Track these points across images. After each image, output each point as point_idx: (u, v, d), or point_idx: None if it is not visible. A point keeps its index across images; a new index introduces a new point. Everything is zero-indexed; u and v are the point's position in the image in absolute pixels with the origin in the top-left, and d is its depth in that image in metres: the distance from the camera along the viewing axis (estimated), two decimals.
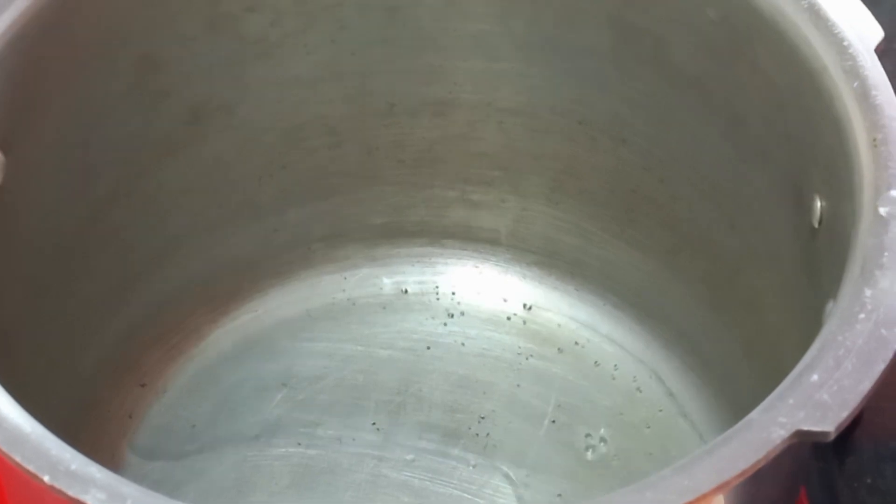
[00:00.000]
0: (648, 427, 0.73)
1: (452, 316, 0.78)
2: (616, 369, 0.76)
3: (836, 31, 0.58)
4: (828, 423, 0.47)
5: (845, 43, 0.58)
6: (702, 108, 0.67)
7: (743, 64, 0.64)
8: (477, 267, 0.80)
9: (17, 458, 0.47)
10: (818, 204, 0.58)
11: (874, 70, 0.57)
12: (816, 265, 0.58)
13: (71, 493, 0.46)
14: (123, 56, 0.67)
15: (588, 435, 0.73)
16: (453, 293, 0.79)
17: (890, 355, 0.49)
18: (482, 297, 0.79)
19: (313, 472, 0.72)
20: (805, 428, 0.47)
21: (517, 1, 0.71)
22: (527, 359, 0.77)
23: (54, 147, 0.65)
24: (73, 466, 0.47)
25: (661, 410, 0.74)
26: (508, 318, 0.78)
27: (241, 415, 0.74)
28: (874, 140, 0.55)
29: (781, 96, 0.61)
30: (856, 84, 0.56)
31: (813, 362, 0.49)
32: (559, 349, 0.77)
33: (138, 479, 0.69)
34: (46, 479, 0.46)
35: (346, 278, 0.80)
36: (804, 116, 0.59)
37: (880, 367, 0.48)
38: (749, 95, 0.64)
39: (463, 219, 0.79)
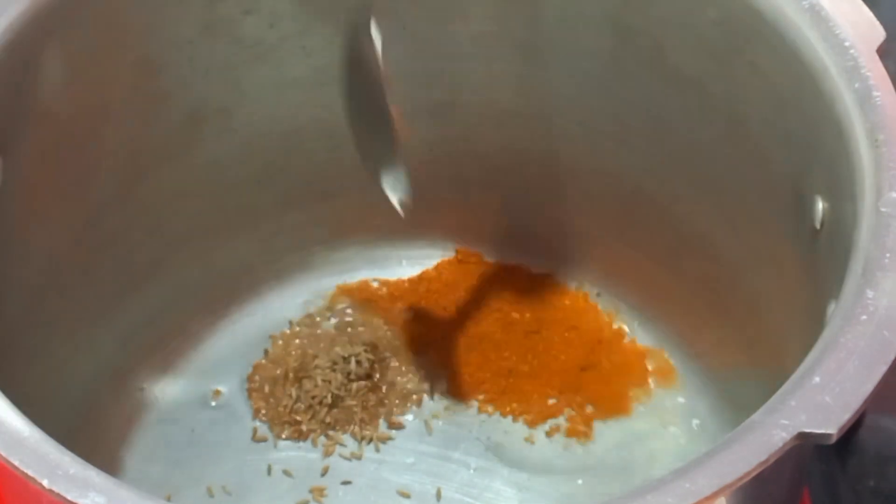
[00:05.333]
0: (651, 429, 0.73)
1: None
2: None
3: (837, 32, 0.58)
4: (830, 424, 0.47)
5: (846, 43, 0.58)
6: (702, 110, 0.67)
7: (743, 65, 0.63)
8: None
9: (16, 462, 0.47)
10: (819, 205, 0.58)
11: (875, 70, 0.57)
12: (818, 266, 0.58)
13: (70, 497, 0.46)
14: (121, 60, 0.67)
15: (590, 437, 0.73)
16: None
17: (892, 357, 0.49)
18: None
19: (313, 476, 0.72)
20: (807, 430, 0.47)
21: (516, 3, 0.71)
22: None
23: (52, 151, 0.65)
24: (72, 470, 0.47)
25: (663, 412, 0.74)
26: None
27: (241, 419, 0.74)
28: (876, 141, 0.54)
29: (782, 97, 0.61)
30: (857, 85, 0.56)
31: (815, 364, 0.49)
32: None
33: (137, 483, 0.69)
34: (45, 482, 0.46)
35: (345, 281, 0.79)
36: (805, 117, 0.59)
37: (882, 368, 0.48)
38: (749, 96, 0.64)
39: (463, 220, 0.79)
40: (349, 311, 0.78)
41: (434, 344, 0.77)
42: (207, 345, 0.77)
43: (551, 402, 0.74)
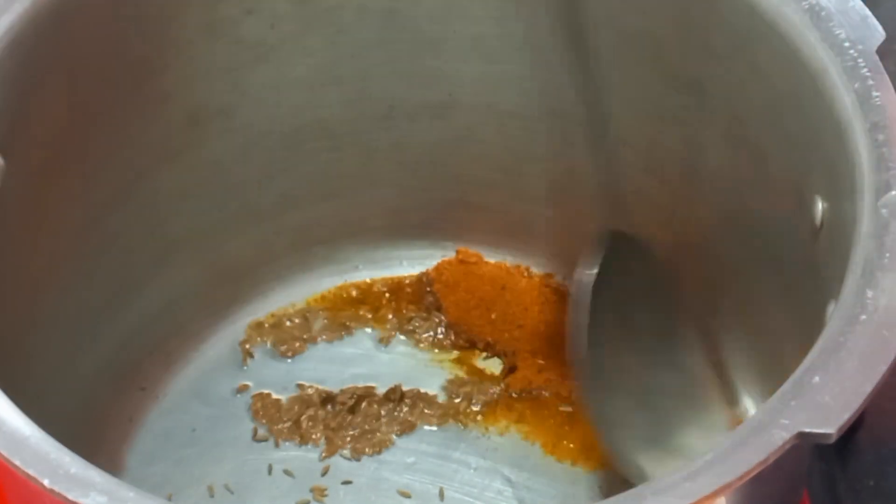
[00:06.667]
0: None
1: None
2: None
3: (837, 32, 0.58)
4: (830, 424, 0.47)
5: (846, 44, 0.58)
6: (702, 110, 0.67)
7: (743, 65, 0.63)
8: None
9: (17, 462, 0.47)
10: (819, 205, 0.58)
11: (875, 71, 0.57)
12: (818, 266, 0.58)
13: (71, 496, 0.46)
14: (121, 60, 0.67)
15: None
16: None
17: (892, 356, 0.49)
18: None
19: (314, 476, 0.72)
20: (807, 430, 0.47)
21: (516, 3, 0.71)
22: None
23: (53, 151, 0.65)
24: (73, 470, 0.47)
25: None
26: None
27: (241, 419, 0.74)
28: (875, 141, 0.54)
29: (782, 98, 0.61)
30: (857, 85, 0.56)
31: (814, 364, 0.49)
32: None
33: (138, 482, 0.69)
34: (46, 482, 0.46)
35: (346, 281, 0.79)
36: (805, 118, 0.59)
37: (882, 368, 0.48)
38: (749, 97, 0.64)
39: (463, 221, 0.79)
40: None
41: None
42: (208, 345, 0.77)
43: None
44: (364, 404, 0.74)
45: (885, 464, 0.69)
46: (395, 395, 0.74)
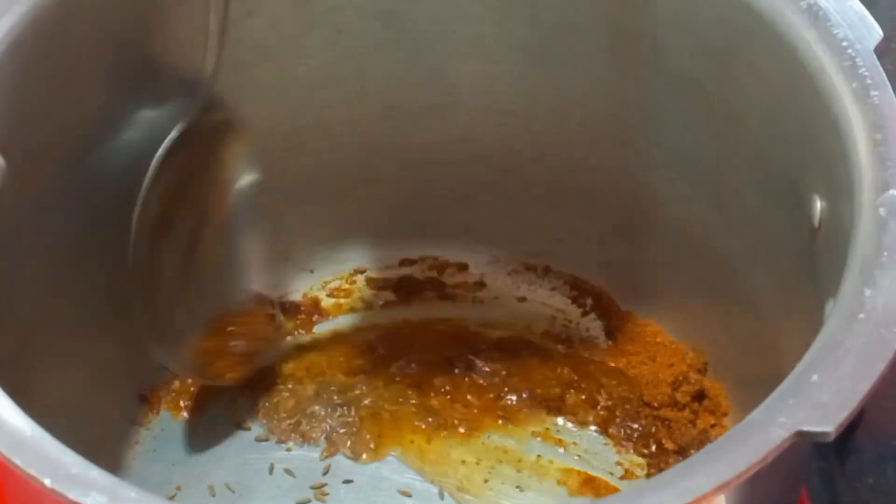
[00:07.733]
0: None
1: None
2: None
3: (835, 32, 0.58)
4: (828, 423, 0.47)
5: (844, 43, 0.58)
6: (700, 110, 0.67)
7: (741, 65, 0.64)
8: (477, 269, 0.80)
9: (18, 462, 0.47)
10: (818, 204, 0.58)
11: (873, 70, 0.57)
12: (816, 265, 0.58)
13: (72, 496, 0.46)
14: (122, 61, 0.67)
15: (592, 435, 0.74)
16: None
17: (890, 355, 0.49)
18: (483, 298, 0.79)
19: (314, 475, 0.72)
20: (805, 428, 0.47)
21: (515, 3, 0.71)
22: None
23: (54, 152, 0.65)
24: (74, 470, 0.47)
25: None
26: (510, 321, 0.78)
27: (242, 418, 0.74)
28: (873, 140, 0.55)
29: (780, 97, 0.61)
30: (855, 84, 0.56)
31: (813, 362, 0.49)
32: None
33: (139, 482, 0.69)
34: (47, 482, 0.46)
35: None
36: (803, 117, 0.59)
37: (880, 366, 0.48)
38: (748, 96, 0.64)
39: (463, 221, 0.79)
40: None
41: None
42: None
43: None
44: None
45: (883, 462, 0.69)
46: None
